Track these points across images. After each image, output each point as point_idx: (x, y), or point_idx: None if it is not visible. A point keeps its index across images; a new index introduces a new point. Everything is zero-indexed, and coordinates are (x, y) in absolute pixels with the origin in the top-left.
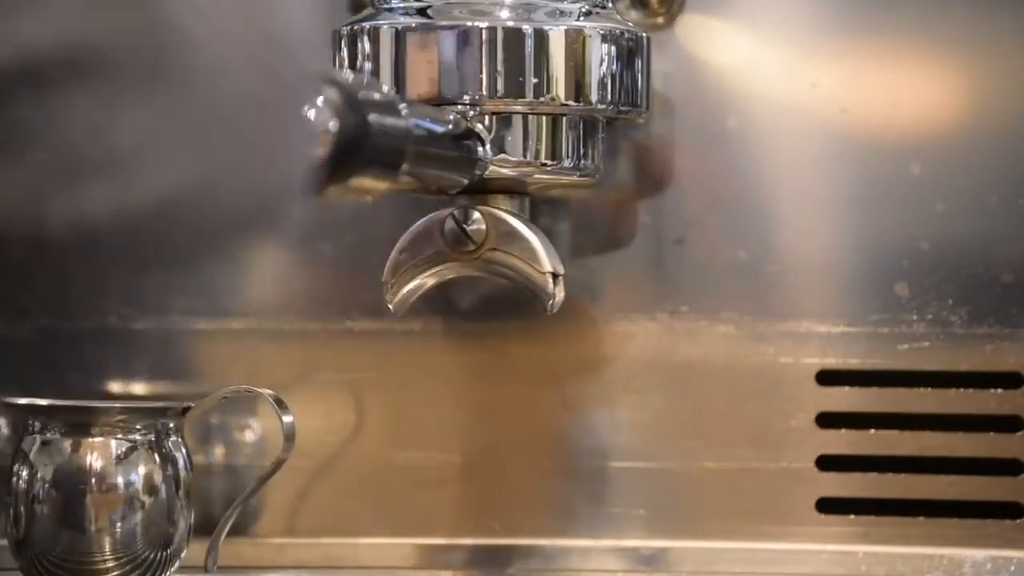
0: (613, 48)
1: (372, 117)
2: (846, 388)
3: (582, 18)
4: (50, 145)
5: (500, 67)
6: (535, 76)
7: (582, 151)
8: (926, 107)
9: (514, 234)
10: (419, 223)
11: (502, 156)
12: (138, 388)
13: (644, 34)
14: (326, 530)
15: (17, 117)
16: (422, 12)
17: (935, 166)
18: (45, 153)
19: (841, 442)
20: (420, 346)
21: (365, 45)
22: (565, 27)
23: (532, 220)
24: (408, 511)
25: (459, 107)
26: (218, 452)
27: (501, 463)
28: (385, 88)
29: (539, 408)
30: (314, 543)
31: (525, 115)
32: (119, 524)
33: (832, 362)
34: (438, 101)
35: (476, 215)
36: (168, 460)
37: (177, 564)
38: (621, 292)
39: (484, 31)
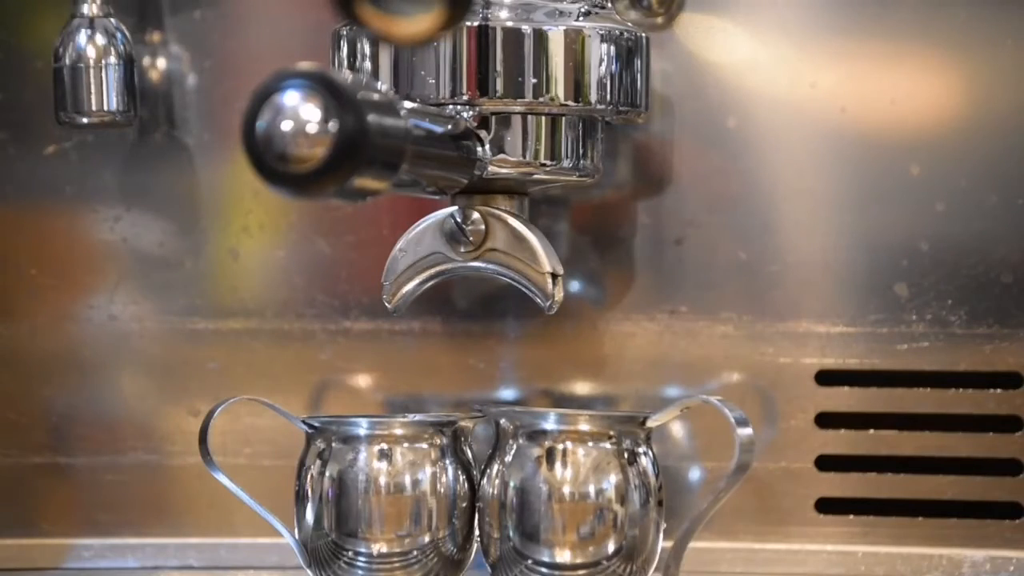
0: (612, 48)
1: (371, 118)
2: (845, 388)
3: (581, 18)
4: None
5: (499, 67)
6: (534, 76)
7: (581, 151)
8: (925, 108)
9: (513, 234)
10: (418, 223)
11: (501, 156)
12: None
13: (643, 34)
14: None
15: None
16: None
17: (935, 166)
18: None
19: (840, 442)
20: (420, 346)
21: (365, 45)
22: (564, 27)
23: (532, 220)
24: None
25: (458, 107)
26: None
27: None
28: (384, 88)
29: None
30: None
31: (524, 115)
32: (588, 533)
33: (831, 362)
34: (437, 101)
35: (475, 215)
36: (638, 469)
37: (650, 573)
38: (620, 292)
39: (483, 31)
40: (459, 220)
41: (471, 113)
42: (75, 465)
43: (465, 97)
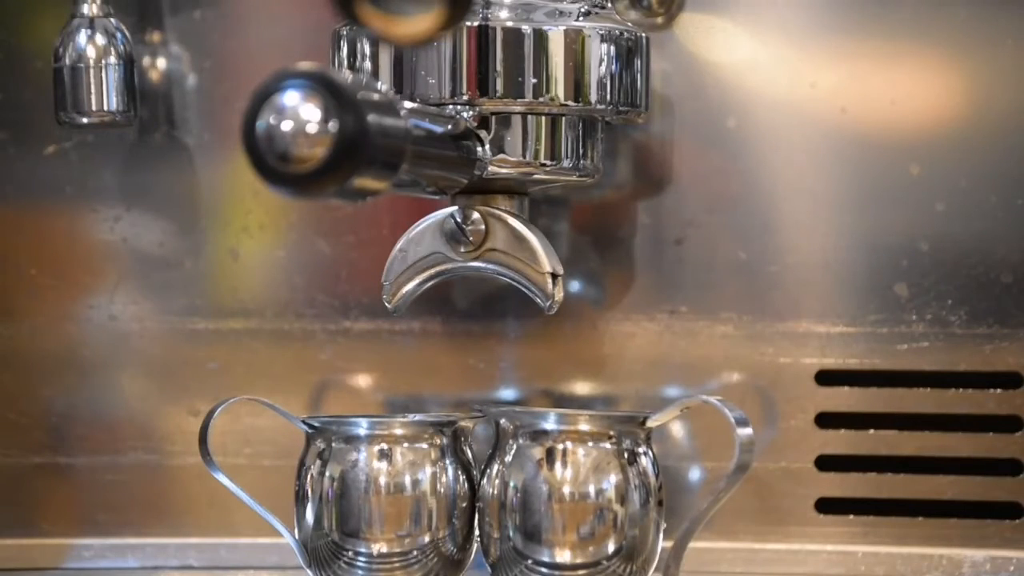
0: (612, 48)
1: (371, 118)
2: (845, 388)
3: (581, 18)
4: None
5: (499, 67)
6: (534, 76)
7: (581, 151)
8: (925, 107)
9: (513, 234)
10: (418, 223)
11: (501, 156)
12: None
13: (643, 34)
14: None
15: None
16: None
17: (934, 166)
18: None
19: (840, 442)
20: (420, 346)
21: (365, 45)
22: (564, 27)
23: (532, 220)
24: None
25: (458, 107)
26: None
27: None
28: (384, 88)
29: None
30: None
31: (524, 115)
32: (588, 533)
33: (831, 362)
34: (437, 101)
35: (475, 215)
36: (638, 469)
37: (650, 573)
38: (620, 292)
39: (483, 31)
40: (459, 220)
41: (471, 113)
42: (75, 465)
43: (465, 97)
